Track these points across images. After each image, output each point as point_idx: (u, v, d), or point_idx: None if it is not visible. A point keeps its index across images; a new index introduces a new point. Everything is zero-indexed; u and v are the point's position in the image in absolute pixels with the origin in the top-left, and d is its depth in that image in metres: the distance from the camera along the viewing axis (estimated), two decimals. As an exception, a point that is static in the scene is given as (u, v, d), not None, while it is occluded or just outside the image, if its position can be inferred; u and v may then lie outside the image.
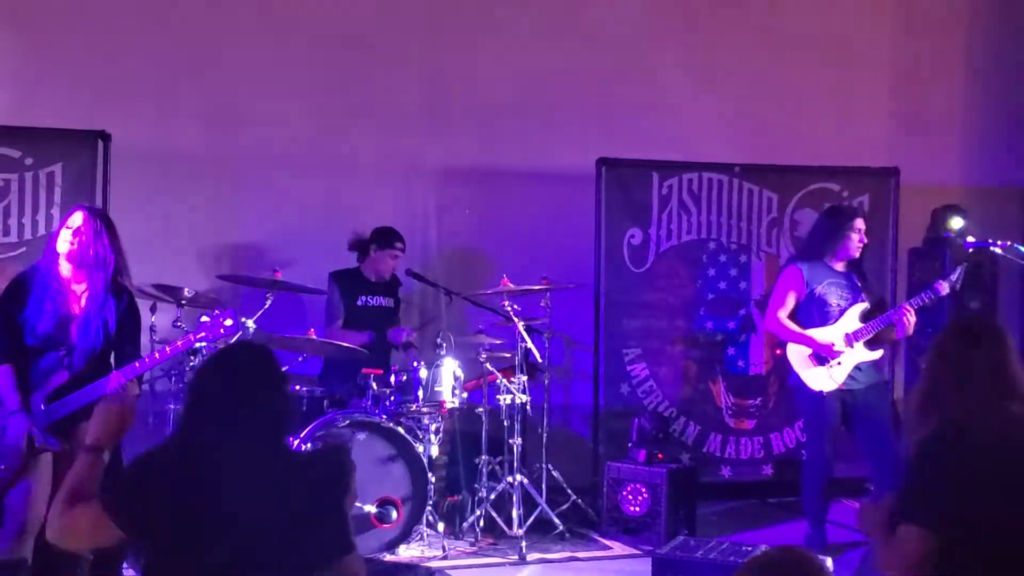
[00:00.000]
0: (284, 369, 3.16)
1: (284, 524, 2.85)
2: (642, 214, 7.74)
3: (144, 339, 6.52)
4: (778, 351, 7.92)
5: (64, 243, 5.06)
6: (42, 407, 4.95)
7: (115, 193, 6.96)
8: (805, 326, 6.48)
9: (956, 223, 7.85)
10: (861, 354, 6.42)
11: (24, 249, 6.82)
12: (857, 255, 6.56)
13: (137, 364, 5.09)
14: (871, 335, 6.41)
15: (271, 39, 7.66)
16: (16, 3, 7.31)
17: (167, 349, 5.27)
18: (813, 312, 6.49)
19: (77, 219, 5.11)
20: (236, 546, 2.80)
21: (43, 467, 4.92)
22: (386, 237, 7.17)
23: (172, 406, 6.40)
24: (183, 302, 6.35)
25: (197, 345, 5.59)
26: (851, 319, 6.45)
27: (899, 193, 7.99)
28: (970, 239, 6.87)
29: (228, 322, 5.28)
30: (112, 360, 5.18)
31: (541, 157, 7.96)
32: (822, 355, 6.41)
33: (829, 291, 6.49)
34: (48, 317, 5.01)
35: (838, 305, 6.47)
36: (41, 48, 7.32)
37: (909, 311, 6.34)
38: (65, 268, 5.07)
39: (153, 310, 6.48)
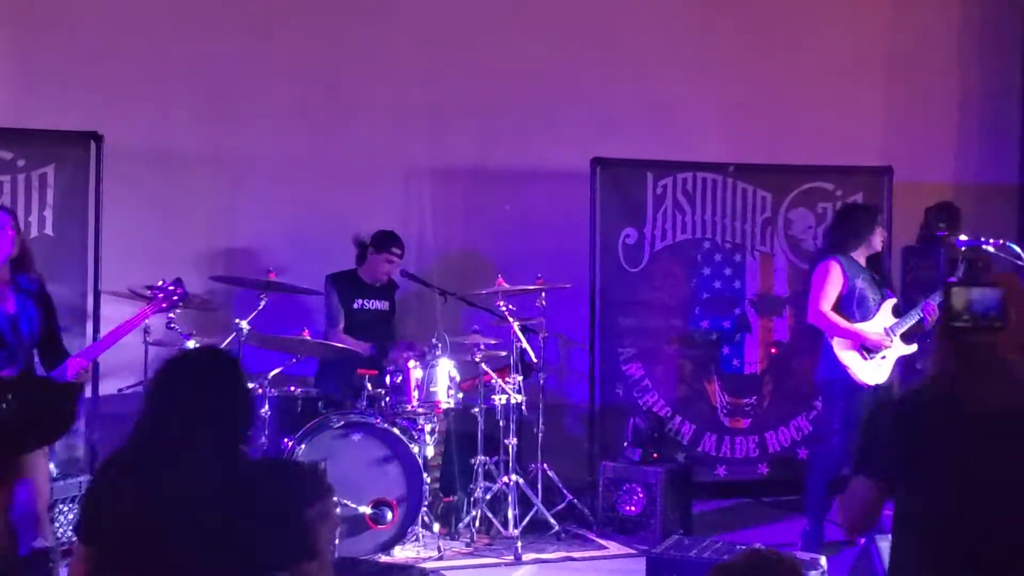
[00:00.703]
0: (247, 380, 3.12)
1: (234, 528, 2.83)
2: (637, 213, 7.75)
3: (137, 339, 6.55)
4: (773, 350, 7.93)
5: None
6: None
7: (108, 194, 6.96)
8: (848, 320, 6.44)
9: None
10: (900, 348, 6.44)
11: (17, 251, 6.79)
12: (880, 248, 6.59)
13: (93, 346, 5.15)
14: (905, 329, 6.43)
15: (264, 39, 7.64)
16: (7, 5, 7.28)
17: (120, 327, 5.33)
18: (853, 307, 6.45)
19: (5, 224, 5.17)
20: (183, 551, 2.80)
21: (39, 459, 4.94)
22: (384, 241, 7.16)
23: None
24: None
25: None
26: (886, 314, 6.46)
27: (893, 191, 7.99)
28: (963, 237, 6.86)
29: (178, 289, 5.39)
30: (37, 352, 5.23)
31: (536, 157, 7.96)
32: (871, 349, 6.39)
33: (866, 286, 6.48)
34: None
35: (875, 300, 6.46)
36: (33, 49, 7.30)
37: (935, 306, 6.35)
38: None
39: (147, 312, 6.46)
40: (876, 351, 6.37)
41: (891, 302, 6.52)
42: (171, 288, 5.44)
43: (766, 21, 8.50)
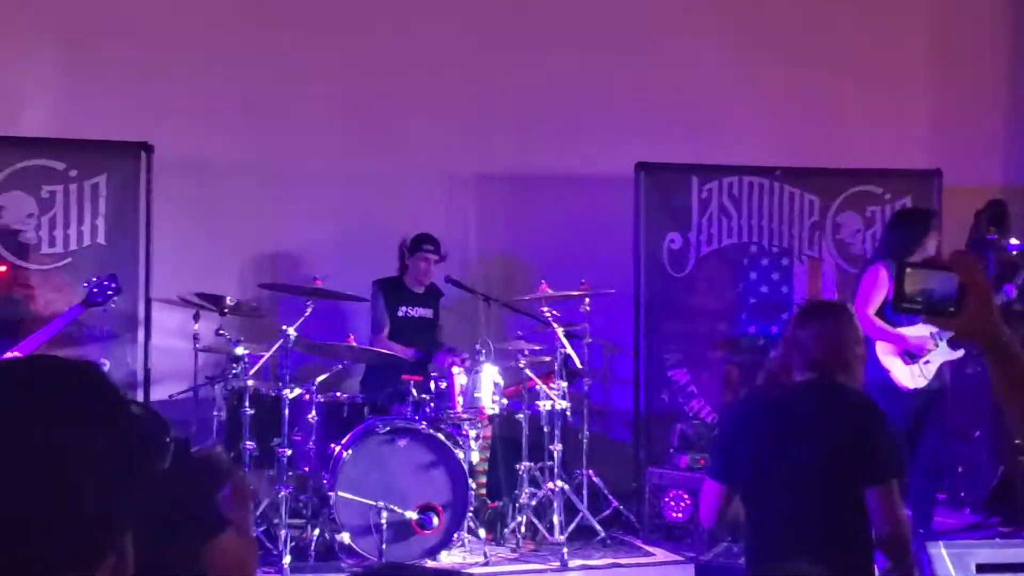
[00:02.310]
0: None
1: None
2: (682, 218, 7.72)
3: (186, 345, 6.64)
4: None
5: None
6: None
7: (158, 203, 7.06)
8: (891, 325, 6.40)
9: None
10: (946, 353, 6.38)
11: (70, 260, 6.93)
12: (935, 253, 6.52)
13: (31, 337, 5.21)
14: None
15: (308, 50, 7.72)
16: (60, 18, 7.41)
17: (54, 322, 5.40)
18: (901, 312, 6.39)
19: None
20: None
21: None
22: (416, 242, 7.22)
23: (216, 413, 6.46)
24: (225, 311, 6.43)
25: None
26: None
27: (942, 194, 7.92)
28: (1013, 241, 6.79)
29: (112, 284, 5.44)
30: None
31: (579, 162, 7.96)
32: (913, 353, 6.35)
33: None
34: None
35: None
36: (84, 61, 7.43)
37: None
38: None
39: (196, 318, 6.56)
40: (919, 356, 6.31)
41: None
42: (105, 282, 5.48)
43: (811, 22, 8.45)
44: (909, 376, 6.32)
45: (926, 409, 6.42)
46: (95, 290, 5.46)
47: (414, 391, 6.38)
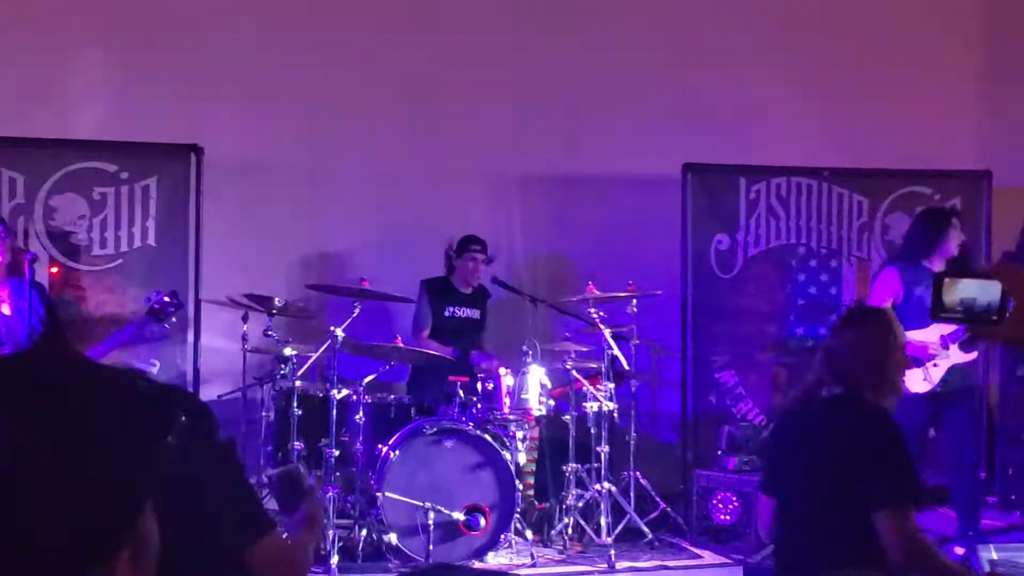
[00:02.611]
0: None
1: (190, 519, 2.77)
2: (729, 219, 7.69)
3: (235, 346, 6.68)
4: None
5: None
6: None
7: (207, 205, 7.11)
8: (903, 328, 6.36)
9: None
10: (957, 356, 6.31)
11: (121, 261, 6.99)
12: (957, 252, 6.44)
13: (91, 352, 5.26)
14: (966, 337, 6.29)
15: (355, 52, 7.76)
16: (111, 22, 7.49)
17: (112, 337, 5.44)
18: (912, 314, 6.36)
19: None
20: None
21: None
22: (463, 243, 7.25)
23: (264, 414, 6.50)
24: (274, 311, 6.46)
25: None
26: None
27: (991, 196, 7.83)
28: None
29: (172, 300, 5.46)
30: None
31: (626, 163, 7.95)
32: (918, 356, 6.29)
33: (927, 293, 6.36)
34: None
35: None
36: (135, 65, 7.50)
37: None
38: None
39: (245, 319, 6.61)
40: (924, 360, 6.25)
41: None
42: (165, 299, 5.52)
43: (858, 21, 8.39)
44: (914, 380, 6.27)
45: (943, 412, 6.35)
46: (156, 306, 5.50)
47: (461, 392, 6.40)
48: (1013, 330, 2.03)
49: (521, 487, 6.30)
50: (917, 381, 6.29)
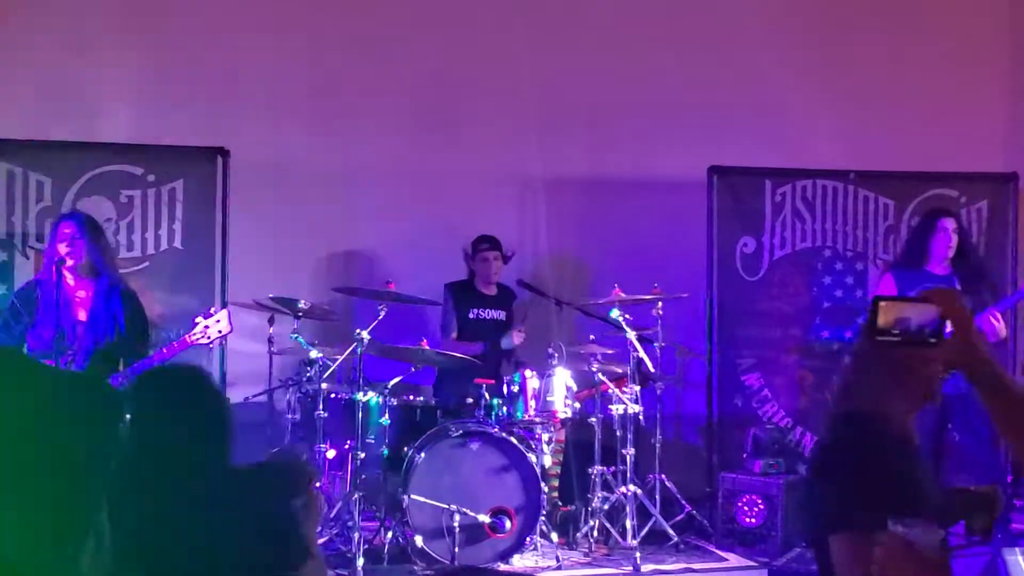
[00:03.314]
0: (222, 393, 3.16)
1: (235, 538, 2.81)
2: (755, 222, 7.67)
3: (261, 348, 6.70)
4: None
5: (63, 254, 5.27)
6: None
7: (234, 208, 7.14)
8: None
9: None
10: None
11: (147, 264, 7.03)
12: (950, 254, 6.40)
13: (137, 364, 5.27)
14: None
15: (380, 54, 7.77)
16: (137, 25, 7.52)
17: (164, 350, 5.45)
18: None
19: (69, 229, 5.30)
20: (189, 563, 2.78)
21: None
22: (475, 244, 7.28)
23: (290, 416, 6.52)
24: (299, 314, 6.48)
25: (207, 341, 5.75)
26: None
27: (1019, 198, 7.79)
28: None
29: (222, 322, 5.45)
30: (119, 360, 5.35)
31: (651, 165, 7.94)
32: None
33: None
34: (54, 324, 5.20)
35: None
36: (162, 68, 7.53)
37: (996, 317, 6.16)
38: (68, 277, 5.27)
39: (271, 321, 6.63)
40: None
41: None
42: (217, 320, 5.54)
43: (885, 24, 8.35)
44: None
45: (959, 415, 6.29)
46: (206, 325, 5.52)
47: (487, 394, 6.40)
48: (950, 354, 2.05)
49: (546, 489, 6.30)
50: None
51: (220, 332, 5.60)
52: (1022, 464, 6.32)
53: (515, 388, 6.46)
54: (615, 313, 6.70)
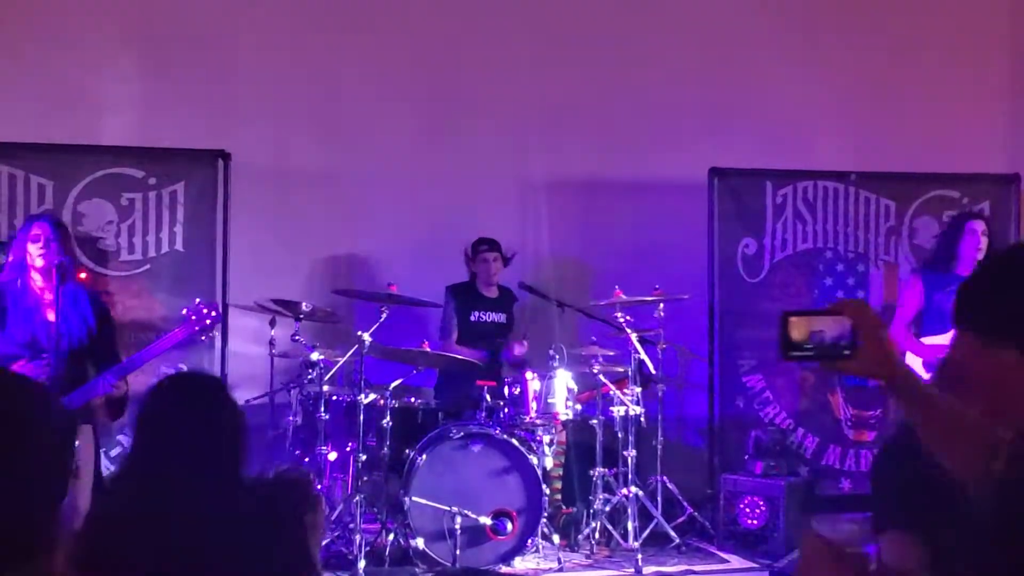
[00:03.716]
0: (234, 401, 3.07)
1: (239, 553, 2.78)
2: (756, 223, 7.67)
3: (263, 351, 6.70)
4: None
5: (34, 255, 5.23)
6: None
7: (235, 210, 7.14)
8: (924, 334, 6.35)
9: None
10: None
11: (148, 267, 7.02)
12: (979, 256, 6.35)
13: (126, 362, 5.23)
14: None
15: (383, 54, 7.78)
16: (138, 28, 7.53)
17: (153, 346, 5.41)
18: (934, 321, 6.34)
19: (42, 231, 5.27)
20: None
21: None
22: (474, 245, 7.29)
23: (291, 418, 6.52)
24: (301, 316, 6.48)
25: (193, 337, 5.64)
26: None
27: (1020, 199, 7.78)
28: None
29: (212, 312, 5.41)
30: (89, 362, 5.31)
31: (652, 167, 7.94)
32: (932, 363, 6.25)
33: (949, 299, 6.30)
34: (26, 327, 5.17)
35: None
36: (163, 71, 7.54)
37: None
38: (36, 279, 5.25)
39: (272, 324, 6.63)
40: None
41: None
42: (205, 311, 5.48)
43: (884, 23, 8.35)
44: None
45: None
46: (193, 316, 5.47)
47: (488, 396, 6.40)
48: (864, 365, 2.04)
49: (548, 491, 6.30)
50: None
51: (209, 323, 5.55)
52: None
53: (516, 390, 6.46)
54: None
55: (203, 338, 5.70)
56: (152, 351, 5.37)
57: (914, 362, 6.36)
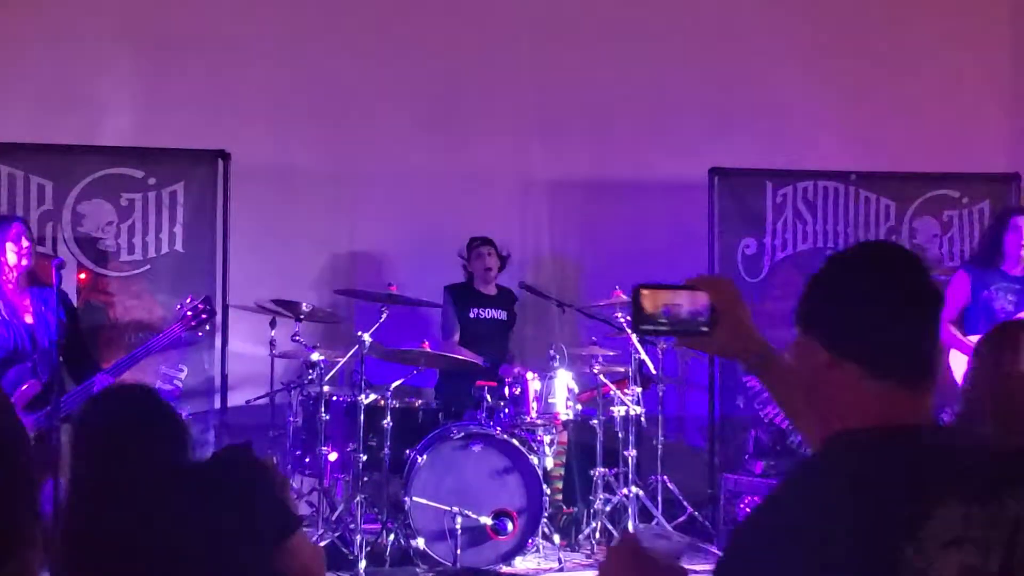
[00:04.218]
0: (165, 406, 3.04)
1: (203, 534, 2.77)
2: (756, 223, 7.67)
3: (263, 351, 6.69)
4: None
5: (12, 257, 5.19)
6: (24, 416, 4.99)
7: (235, 211, 7.14)
8: (970, 332, 6.30)
9: None
10: None
11: (148, 267, 7.02)
12: (1021, 253, 6.31)
13: (121, 361, 5.21)
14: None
15: (382, 57, 7.77)
16: (136, 28, 7.53)
17: (150, 344, 5.40)
18: (980, 318, 6.30)
19: (20, 231, 5.24)
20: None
21: None
22: (469, 244, 7.30)
23: (292, 419, 6.52)
24: (301, 316, 6.48)
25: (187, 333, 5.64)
26: None
27: (1021, 198, 7.78)
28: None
29: (206, 307, 5.38)
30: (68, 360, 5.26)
31: (653, 167, 7.94)
32: None
33: (996, 296, 6.29)
34: (7, 331, 5.14)
35: (1004, 311, 6.27)
36: (162, 71, 7.54)
37: None
38: (10, 286, 5.22)
39: (273, 324, 6.62)
40: None
41: None
42: (199, 306, 5.46)
43: (887, 23, 8.34)
44: None
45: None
46: (188, 312, 5.46)
47: (488, 397, 6.40)
48: (720, 342, 2.01)
49: (548, 491, 6.30)
50: None
51: (204, 316, 5.54)
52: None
53: (517, 390, 6.46)
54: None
55: (199, 334, 5.68)
56: (148, 348, 5.37)
57: (959, 360, 6.30)
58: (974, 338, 6.24)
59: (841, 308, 1.83)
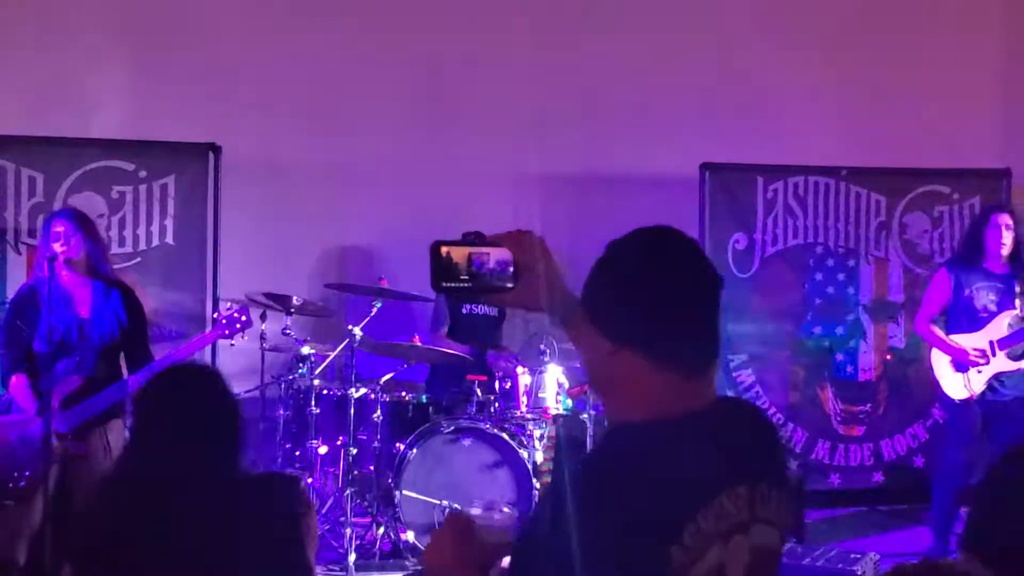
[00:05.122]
0: (237, 397, 3.04)
1: (235, 547, 2.79)
2: (747, 219, 7.68)
3: (253, 345, 6.69)
4: (888, 356, 7.79)
5: (58, 252, 5.15)
6: (60, 412, 4.99)
7: (226, 204, 7.14)
8: (952, 331, 6.30)
9: None
10: (1002, 364, 6.17)
11: (139, 260, 7.02)
12: (1004, 251, 6.26)
13: (154, 363, 5.19)
14: (1016, 344, 6.17)
15: (374, 49, 7.77)
16: (127, 21, 7.52)
17: (183, 347, 5.39)
18: (961, 317, 6.29)
19: (62, 227, 5.20)
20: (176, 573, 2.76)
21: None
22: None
23: (282, 412, 6.52)
24: (292, 310, 6.47)
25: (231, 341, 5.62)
26: (998, 326, 6.21)
27: (1011, 194, 7.80)
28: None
29: (243, 317, 5.38)
30: (122, 359, 5.28)
31: (644, 162, 7.94)
32: (960, 362, 6.22)
33: (978, 295, 6.28)
34: (59, 324, 5.12)
35: (986, 309, 6.27)
36: (153, 64, 7.52)
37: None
38: (65, 274, 5.18)
39: (263, 318, 6.61)
40: (967, 366, 6.18)
41: (1010, 313, 6.20)
42: (236, 315, 5.45)
43: (877, 20, 8.35)
44: (956, 386, 6.21)
45: (993, 421, 6.24)
46: (224, 321, 5.44)
47: (479, 391, 6.40)
48: (520, 296, 1.99)
49: (538, 485, 6.30)
50: (958, 387, 6.22)
51: (239, 326, 5.51)
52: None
53: (507, 385, 6.46)
54: None
55: (232, 343, 5.65)
56: (182, 351, 5.35)
57: (940, 360, 6.31)
58: (956, 337, 6.27)
59: (619, 296, 1.83)
